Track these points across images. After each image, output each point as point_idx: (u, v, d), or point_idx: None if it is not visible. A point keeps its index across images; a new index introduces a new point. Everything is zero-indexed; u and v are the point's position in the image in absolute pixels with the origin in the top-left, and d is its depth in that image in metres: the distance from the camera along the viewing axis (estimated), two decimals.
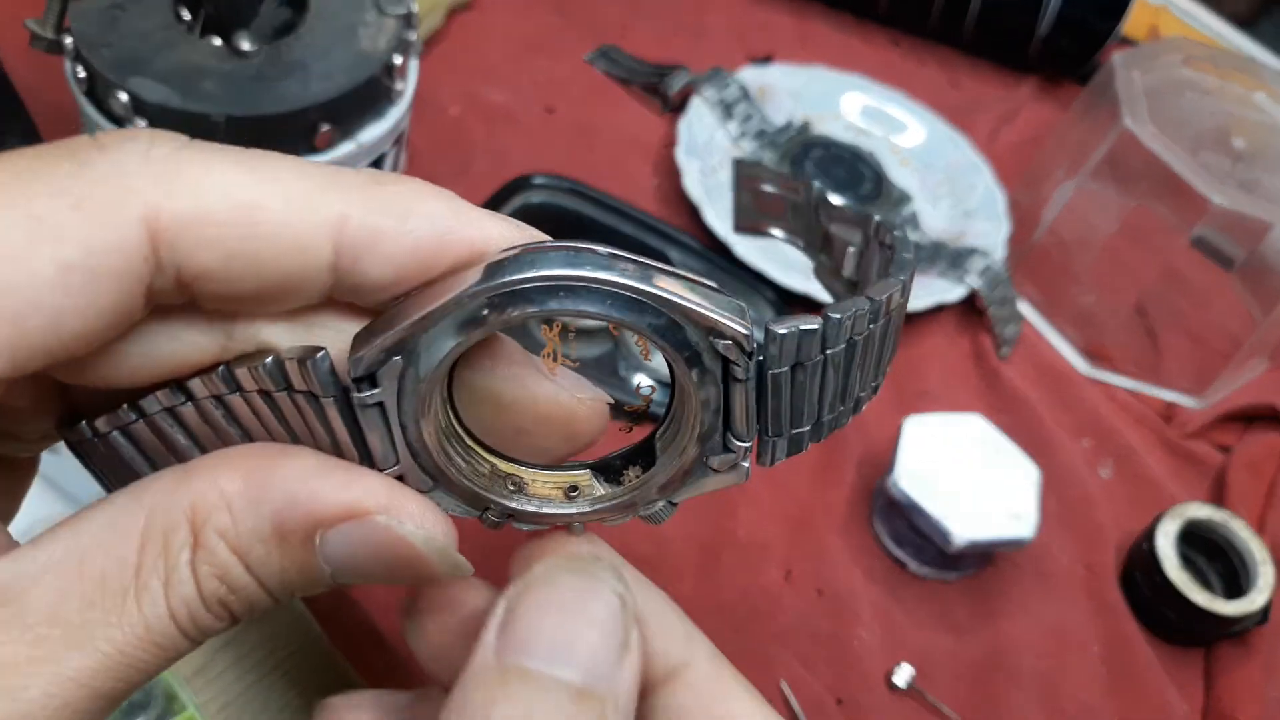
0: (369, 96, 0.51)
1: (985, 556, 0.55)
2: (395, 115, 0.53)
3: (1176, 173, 0.59)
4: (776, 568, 0.54)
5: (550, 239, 0.21)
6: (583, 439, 0.23)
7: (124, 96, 0.46)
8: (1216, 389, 0.65)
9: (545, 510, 0.23)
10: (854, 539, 0.56)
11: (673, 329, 0.20)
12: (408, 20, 0.53)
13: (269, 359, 0.21)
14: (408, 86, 0.54)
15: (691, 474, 0.22)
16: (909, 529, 0.54)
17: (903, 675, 0.51)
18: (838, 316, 0.21)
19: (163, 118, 0.47)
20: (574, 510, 0.23)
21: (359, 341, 0.21)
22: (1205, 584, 0.54)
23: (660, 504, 0.23)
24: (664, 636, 0.24)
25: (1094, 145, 0.64)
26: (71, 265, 0.18)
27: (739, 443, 0.22)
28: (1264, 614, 0.53)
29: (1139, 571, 0.55)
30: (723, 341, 0.20)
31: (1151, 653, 0.54)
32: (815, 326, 0.21)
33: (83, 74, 0.48)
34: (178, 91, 0.47)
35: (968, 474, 0.53)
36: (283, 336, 0.22)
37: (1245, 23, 0.96)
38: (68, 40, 0.48)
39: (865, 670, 0.51)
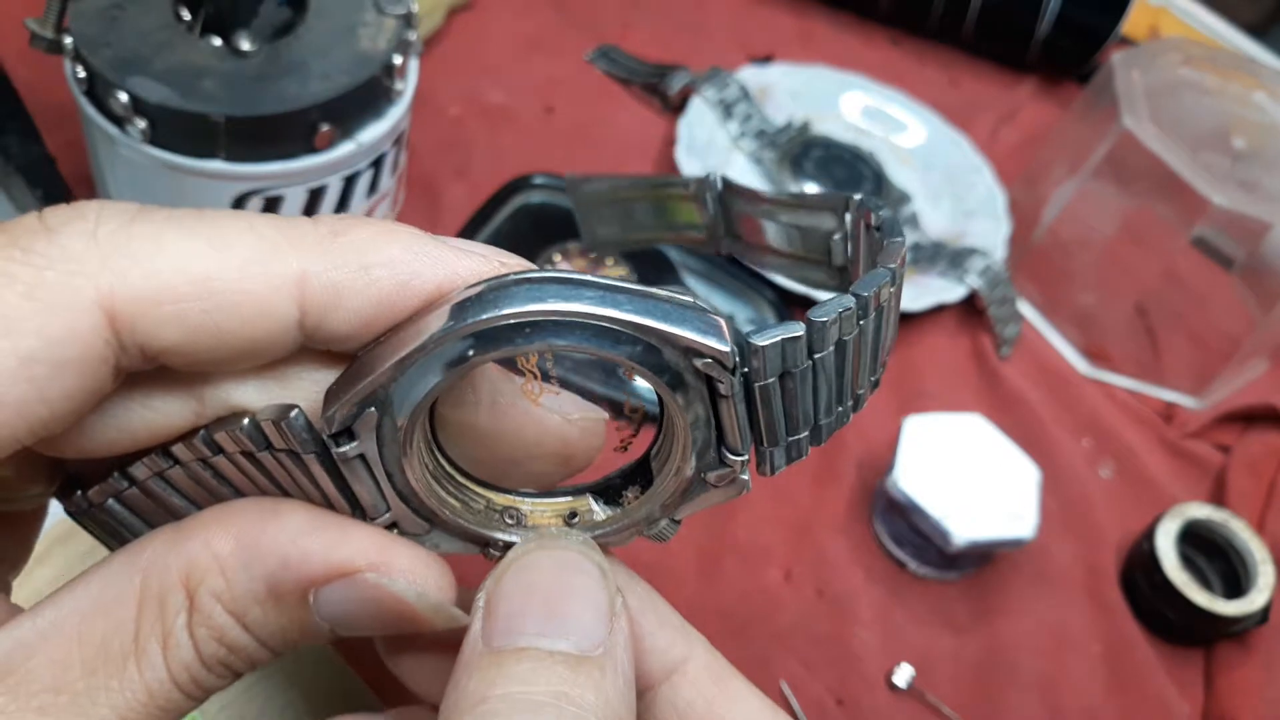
0: (369, 96, 0.51)
1: (985, 556, 0.55)
2: (395, 115, 0.53)
3: (1176, 173, 0.59)
4: (776, 568, 0.54)
5: (517, 268, 0.21)
6: (578, 461, 0.23)
7: (124, 96, 0.46)
8: (1216, 389, 0.65)
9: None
10: (854, 539, 0.56)
11: (650, 353, 0.19)
12: (408, 20, 0.53)
13: (245, 421, 0.21)
14: (408, 86, 0.54)
15: (690, 491, 0.22)
16: (909, 529, 0.54)
17: (903, 675, 0.51)
18: (822, 320, 0.20)
19: (163, 118, 0.47)
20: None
21: (330, 398, 0.20)
22: (1205, 584, 0.54)
23: (663, 522, 0.23)
24: (661, 632, 0.24)
25: (1094, 145, 0.64)
26: (32, 357, 0.18)
27: (734, 457, 0.21)
28: (1264, 614, 0.53)
29: (1139, 571, 0.55)
30: (702, 360, 0.19)
31: (1151, 653, 0.54)
32: (799, 334, 0.20)
33: (83, 74, 0.48)
34: (178, 91, 0.47)
35: (968, 474, 0.53)
36: (256, 394, 0.22)
37: (1257, 30, 0.96)
38: (68, 40, 0.48)
39: (865, 670, 0.51)
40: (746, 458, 0.21)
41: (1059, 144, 0.72)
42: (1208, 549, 0.56)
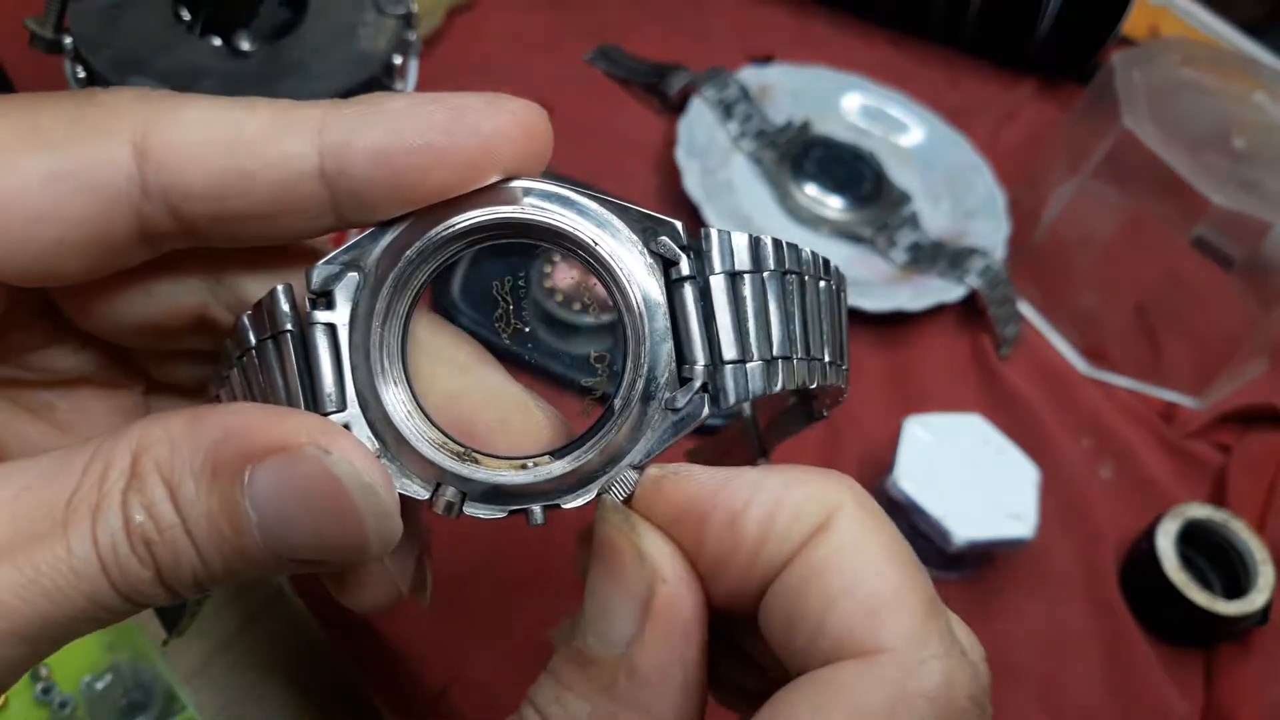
0: None
1: (985, 556, 0.55)
2: None
3: (1176, 173, 0.59)
4: None
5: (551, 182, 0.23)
6: (534, 438, 0.24)
7: None
8: (1216, 389, 0.65)
9: (498, 480, 0.22)
10: None
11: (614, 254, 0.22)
12: (408, 20, 0.53)
13: (243, 316, 0.23)
14: (408, 86, 0.54)
15: (644, 422, 0.22)
16: (909, 529, 0.54)
17: None
18: (762, 238, 0.22)
19: None
20: (529, 479, 0.22)
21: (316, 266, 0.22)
22: (1205, 584, 0.54)
23: (625, 470, 0.22)
24: (788, 520, 0.21)
25: (1094, 145, 0.64)
26: (57, 174, 0.20)
27: (693, 367, 0.22)
28: (1264, 614, 0.53)
29: (1139, 571, 0.55)
30: (659, 239, 0.21)
31: (1151, 653, 0.54)
32: (744, 235, 0.22)
33: (82, 74, 0.48)
34: (177, 91, 0.47)
35: (968, 474, 0.53)
36: (261, 288, 0.23)
37: (1256, 29, 0.96)
38: (67, 40, 0.48)
39: None
40: (705, 365, 0.22)
41: (1059, 144, 0.72)
42: (1208, 549, 0.56)
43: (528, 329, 0.24)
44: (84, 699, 0.46)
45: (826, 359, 0.24)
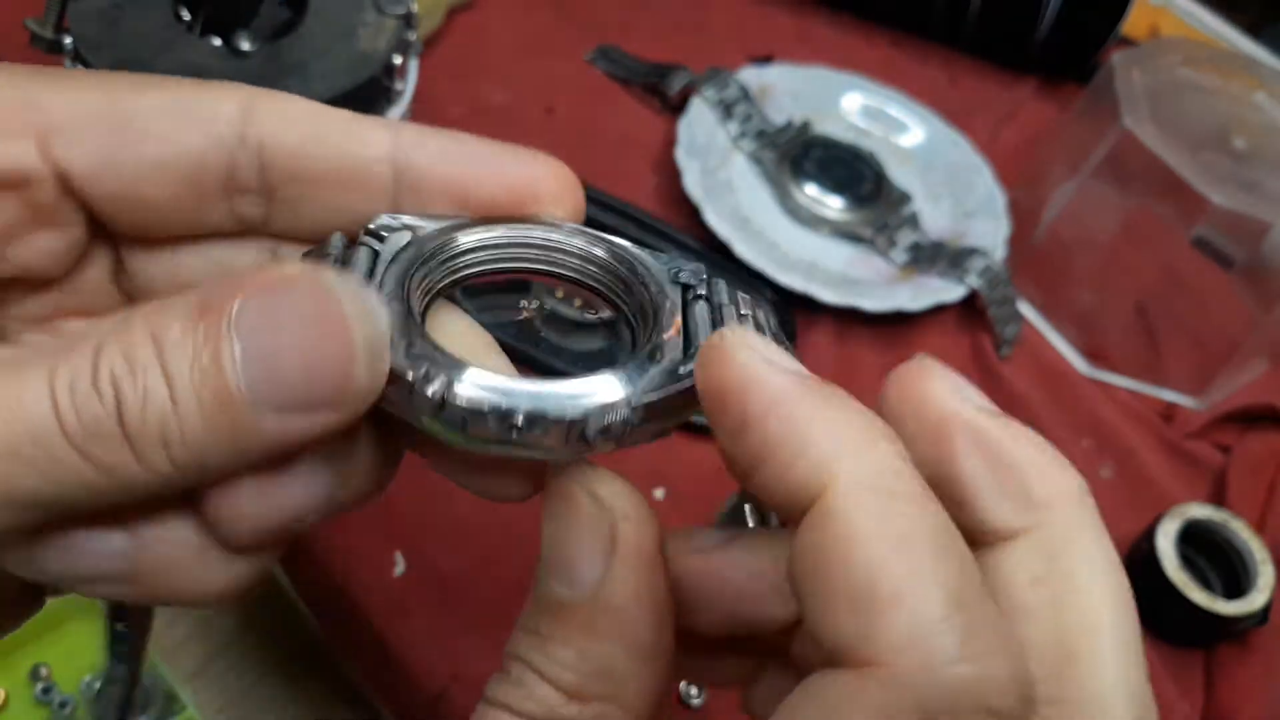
0: (369, 96, 0.51)
1: None
2: (395, 115, 0.53)
3: (1176, 173, 0.59)
4: None
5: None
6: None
7: None
8: (1216, 389, 0.65)
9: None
10: None
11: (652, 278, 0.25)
12: (408, 20, 0.53)
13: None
14: (408, 86, 0.54)
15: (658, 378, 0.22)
16: None
17: None
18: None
19: None
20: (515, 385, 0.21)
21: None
22: (1205, 584, 0.54)
23: (625, 410, 0.21)
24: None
25: (1094, 145, 0.64)
26: (177, 103, 0.23)
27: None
28: (1264, 614, 0.53)
29: (1139, 571, 0.55)
30: (684, 273, 0.25)
31: (1151, 653, 0.54)
32: (726, 291, 0.26)
33: None
34: None
35: None
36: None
37: (1256, 30, 0.96)
38: (67, 40, 0.48)
39: None
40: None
41: (1059, 144, 0.72)
42: (1208, 549, 0.56)
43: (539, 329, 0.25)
44: (84, 699, 0.46)
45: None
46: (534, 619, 0.22)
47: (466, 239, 0.24)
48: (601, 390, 0.21)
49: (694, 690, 0.47)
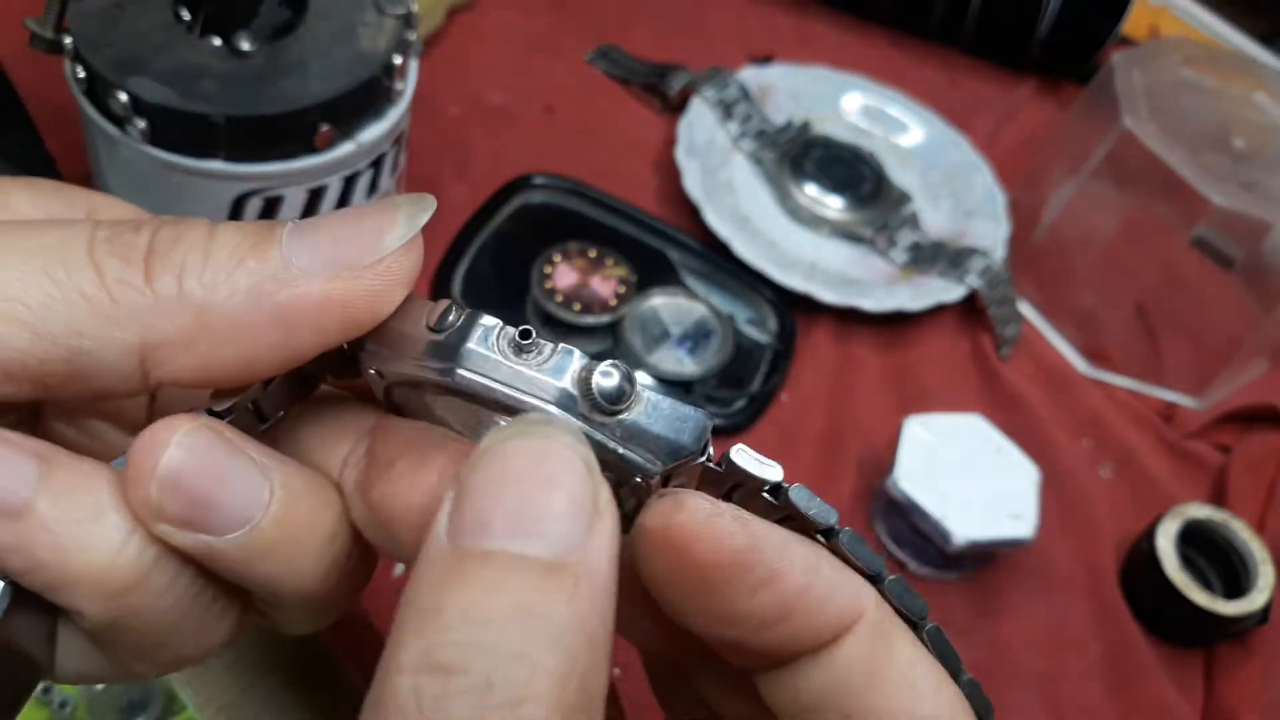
0: (369, 96, 0.51)
1: (985, 556, 0.55)
2: (395, 115, 0.53)
3: (1176, 173, 0.59)
4: None
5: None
6: None
7: (124, 96, 0.46)
8: (1216, 389, 0.65)
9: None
10: None
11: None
12: (408, 20, 0.53)
13: None
14: (408, 86, 0.54)
15: None
16: (909, 529, 0.54)
17: None
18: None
19: (163, 118, 0.47)
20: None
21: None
22: (1205, 584, 0.54)
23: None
24: (842, 581, 0.21)
25: (1094, 145, 0.64)
26: None
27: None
28: (1264, 614, 0.53)
29: (1139, 571, 0.55)
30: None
31: (1151, 653, 0.54)
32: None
33: (82, 74, 0.48)
34: (177, 91, 0.47)
35: (968, 474, 0.53)
36: None
37: (1268, 38, 0.96)
38: (67, 40, 0.48)
39: None
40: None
41: (1059, 144, 0.72)
42: (1208, 549, 0.56)
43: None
44: (84, 699, 0.46)
45: None
46: (487, 587, 0.18)
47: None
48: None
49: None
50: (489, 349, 0.20)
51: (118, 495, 0.20)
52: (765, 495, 0.21)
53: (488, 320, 0.20)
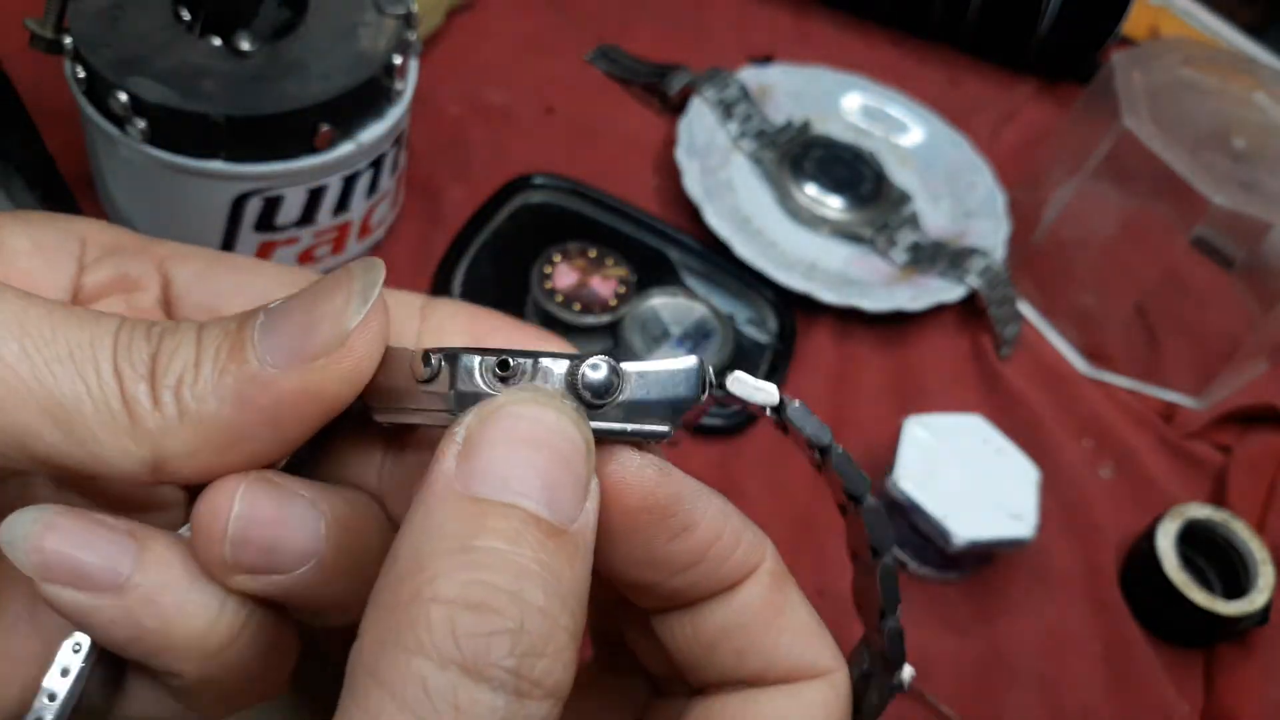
0: (369, 96, 0.51)
1: (985, 557, 0.55)
2: (395, 115, 0.53)
3: (1176, 173, 0.59)
4: None
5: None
6: None
7: (124, 96, 0.46)
8: (1216, 389, 0.65)
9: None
10: None
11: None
12: (408, 20, 0.53)
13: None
14: (408, 86, 0.54)
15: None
16: (909, 529, 0.54)
17: (903, 675, 0.51)
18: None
19: (163, 118, 0.47)
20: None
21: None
22: (1205, 584, 0.54)
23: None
24: (744, 533, 0.23)
25: (1094, 145, 0.64)
26: None
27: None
28: (1264, 614, 0.53)
29: (1139, 571, 0.55)
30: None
31: (1151, 653, 0.54)
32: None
33: (82, 74, 0.48)
34: (177, 91, 0.47)
35: (968, 474, 0.53)
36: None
37: (1257, 30, 0.96)
38: (67, 40, 0.48)
39: None
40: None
41: (1059, 144, 0.72)
42: (1208, 549, 0.56)
43: None
44: None
45: None
46: (509, 539, 0.18)
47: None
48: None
49: None
50: (476, 386, 0.21)
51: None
52: (769, 415, 0.22)
53: (467, 359, 0.21)
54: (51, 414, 0.20)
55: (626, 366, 0.21)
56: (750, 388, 0.22)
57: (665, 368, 0.21)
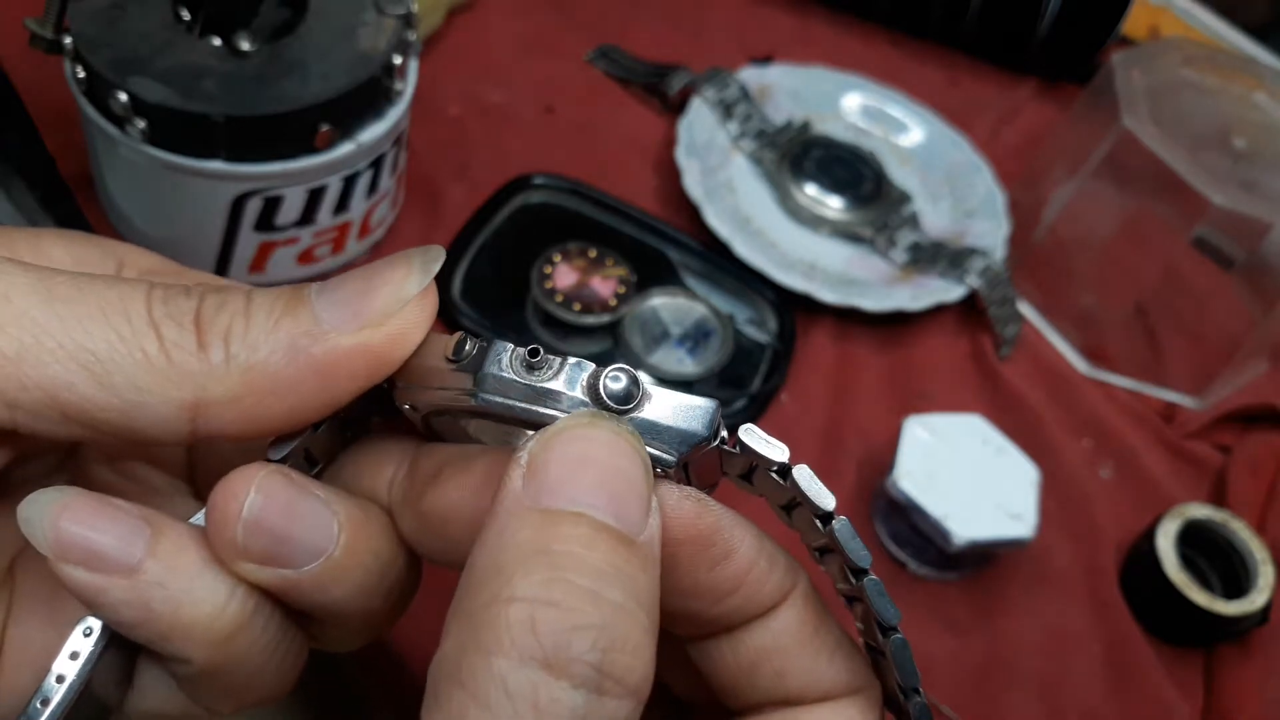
0: (369, 96, 0.51)
1: (985, 556, 0.55)
2: (395, 115, 0.53)
3: (1176, 173, 0.59)
4: None
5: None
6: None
7: (124, 96, 0.46)
8: (1216, 389, 0.65)
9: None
10: None
11: None
12: (408, 20, 0.53)
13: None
14: (408, 86, 0.54)
15: None
16: (909, 529, 0.54)
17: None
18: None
19: (162, 118, 0.47)
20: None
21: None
22: (1205, 584, 0.54)
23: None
24: (774, 565, 0.23)
25: (1094, 145, 0.64)
26: None
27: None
28: (1264, 614, 0.53)
29: (1139, 571, 0.55)
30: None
31: (1151, 653, 0.54)
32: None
33: (82, 74, 0.48)
34: (177, 91, 0.47)
35: (968, 474, 0.53)
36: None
37: (1260, 31, 0.96)
38: (67, 40, 0.48)
39: None
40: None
41: (1059, 144, 0.72)
42: (1208, 549, 0.56)
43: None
44: None
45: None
46: (583, 544, 0.19)
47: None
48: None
49: None
50: (503, 370, 0.21)
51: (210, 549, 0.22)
52: (773, 475, 0.23)
53: (500, 345, 0.22)
54: (83, 364, 0.20)
55: (647, 385, 0.21)
56: (761, 441, 0.22)
57: (684, 399, 0.21)
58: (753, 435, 0.22)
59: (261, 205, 0.51)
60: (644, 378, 0.21)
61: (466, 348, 0.22)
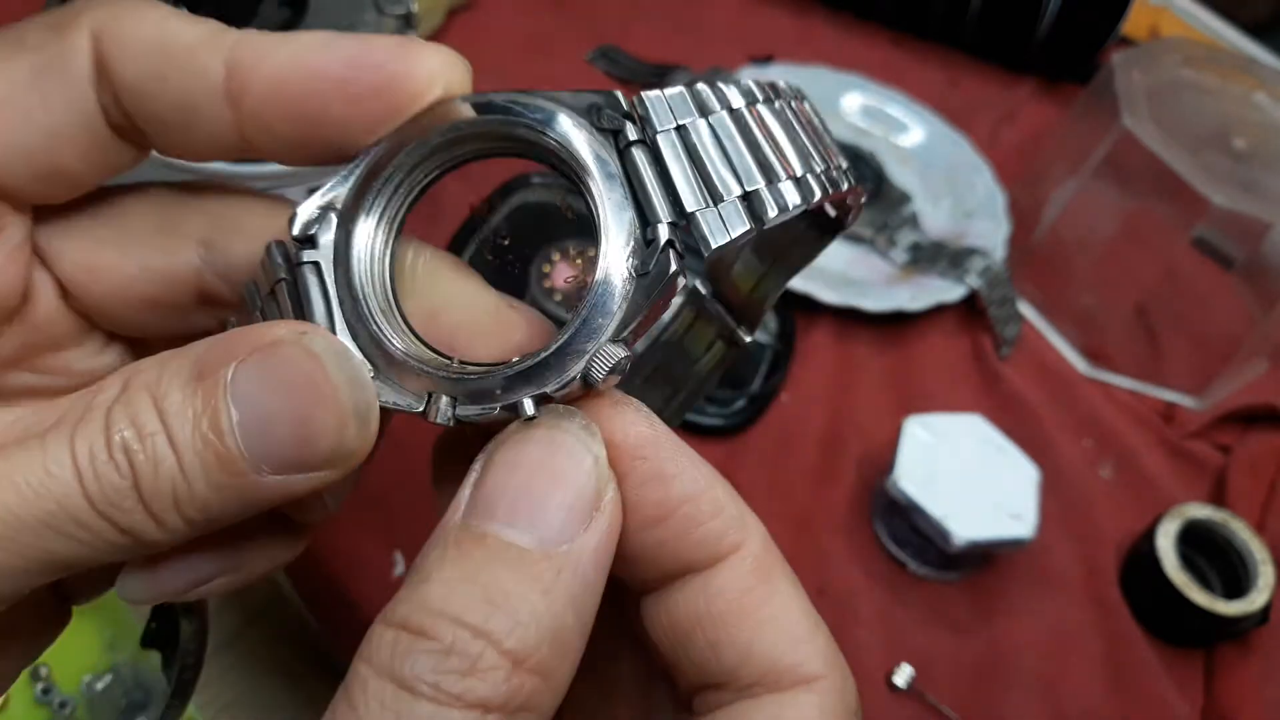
0: None
1: (985, 556, 0.55)
2: None
3: (1176, 173, 0.59)
4: None
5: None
6: (513, 344, 0.24)
7: None
8: (1216, 389, 0.65)
9: (485, 383, 0.22)
10: (854, 539, 0.56)
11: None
12: (408, 20, 0.53)
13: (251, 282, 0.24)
14: None
15: (622, 293, 0.21)
16: (909, 529, 0.54)
17: (903, 675, 0.51)
18: (699, 84, 0.22)
19: None
20: (512, 372, 0.21)
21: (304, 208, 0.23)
22: (1205, 584, 0.54)
23: (605, 346, 0.21)
24: (713, 520, 0.22)
25: (1094, 145, 0.64)
26: (39, 69, 0.22)
27: (662, 224, 0.21)
28: (1264, 614, 0.53)
29: (1139, 571, 0.55)
30: (604, 113, 0.22)
31: (1151, 653, 0.54)
32: (678, 90, 0.22)
33: None
34: None
35: (968, 474, 0.53)
36: (251, 251, 0.25)
37: (1261, 30, 0.96)
38: None
39: (866, 670, 0.51)
40: (670, 220, 0.21)
41: (1059, 144, 0.72)
42: (1208, 549, 0.56)
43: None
44: (84, 699, 0.46)
45: (819, 169, 0.23)
46: (472, 567, 0.19)
47: (387, 187, 0.24)
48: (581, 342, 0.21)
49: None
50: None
51: None
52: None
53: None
54: None
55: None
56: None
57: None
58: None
59: None
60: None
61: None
